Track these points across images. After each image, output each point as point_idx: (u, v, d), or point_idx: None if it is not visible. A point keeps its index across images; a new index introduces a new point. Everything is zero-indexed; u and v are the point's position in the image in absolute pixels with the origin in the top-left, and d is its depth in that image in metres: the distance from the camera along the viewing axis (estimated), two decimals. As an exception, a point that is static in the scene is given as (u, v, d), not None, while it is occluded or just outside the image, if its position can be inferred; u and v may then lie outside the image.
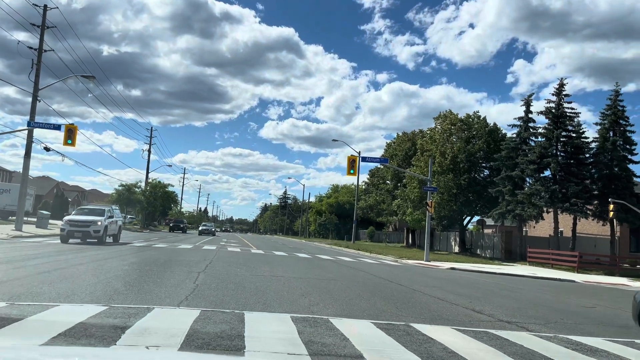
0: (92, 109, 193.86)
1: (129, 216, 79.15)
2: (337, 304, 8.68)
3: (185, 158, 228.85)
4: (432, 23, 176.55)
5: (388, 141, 60.56)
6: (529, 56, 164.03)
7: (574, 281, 22.49)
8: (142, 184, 66.06)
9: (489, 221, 58.58)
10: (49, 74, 40.02)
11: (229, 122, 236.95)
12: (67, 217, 22.26)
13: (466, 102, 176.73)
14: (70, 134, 26.00)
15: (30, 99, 29.40)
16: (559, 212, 31.12)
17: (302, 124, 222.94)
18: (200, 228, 59.23)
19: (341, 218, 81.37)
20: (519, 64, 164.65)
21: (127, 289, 8.46)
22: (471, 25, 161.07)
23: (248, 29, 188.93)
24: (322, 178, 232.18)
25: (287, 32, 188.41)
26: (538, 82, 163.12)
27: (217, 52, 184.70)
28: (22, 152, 30.99)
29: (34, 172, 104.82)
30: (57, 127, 26.47)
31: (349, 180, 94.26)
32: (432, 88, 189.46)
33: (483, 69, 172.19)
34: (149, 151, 64.99)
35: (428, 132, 45.50)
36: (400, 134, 55.22)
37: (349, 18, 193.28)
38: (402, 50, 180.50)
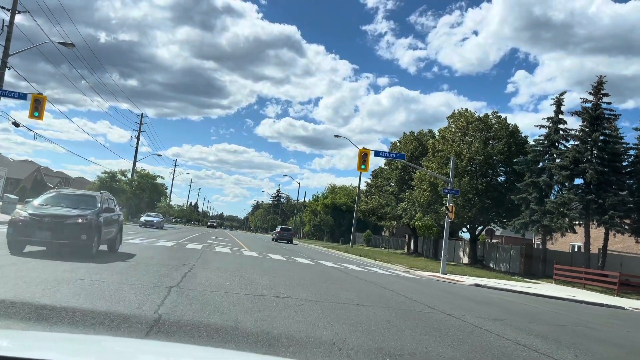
0: (87, 97, 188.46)
1: (114, 207, 75.17)
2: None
3: (179, 152, 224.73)
4: (434, 27, 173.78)
5: (387, 143, 56.94)
6: (530, 67, 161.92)
7: (622, 308, 19.03)
8: (129, 174, 62.11)
9: (498, 231, 55.19)
10: (42, 57, 36.29)
11: (225, 117, 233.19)
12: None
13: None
14: (37, 105, 22.15)
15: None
16: (591, 225, 27.61)
17: (299, 123, 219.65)
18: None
19: (337, 220, 77.75)
20: (519, 75, 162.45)
21: (20, 330, 4.70)
22: (475, 33, 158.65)
23: (249, 24, 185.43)
24: (316, 179, 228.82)
25: (289, 29, 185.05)
26: (538, 94, 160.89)
27: (217, 46, 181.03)
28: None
29: (21, 157, 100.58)
30: (22, 96, 22.60)
31: (346, 181, 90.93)
32: (432, 94, 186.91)
33: (484, 77, 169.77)
34: (138, 138, 61.10)
35: (439, 132, 41.99)
36: (407, 133, 51.65)
37: (351, 17, 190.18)
38: (404, 54, 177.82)
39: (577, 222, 28.24)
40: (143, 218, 43.95)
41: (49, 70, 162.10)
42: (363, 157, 24.85)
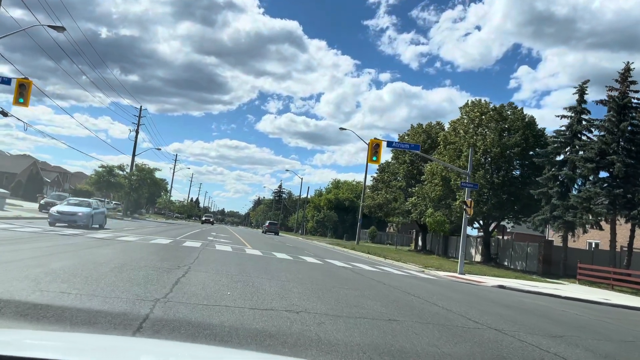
0: (88, 93, 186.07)
1: (113, 202, 73.28)
2: None
3: (181, 147, 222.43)
4: (436, 22, 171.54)
5: (389, 139, 55.09)
6: (533, 62, 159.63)
7: (664, 312, 17.30)
8: (128, 168, 60.41)
9: (509, 228, 53.38)
10: (42, 53, 34.56)
11: (227, 113, 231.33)
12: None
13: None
14: (22, 91, 20.40)
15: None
16: (617, 221, 25.81)
17: (300, 119, 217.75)
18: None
19: (340, 215, 75.97)
20: (522, 70, 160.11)
21: None
22: (477, 28, 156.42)
23: (251, 19, 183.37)
24: (317, 175, 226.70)
25: (291, 25, 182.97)
26: (541, 90, 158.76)
27: (218, 41, 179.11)
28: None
29: (23, 153, 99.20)
30: (6, 81, 20.84)
31: (348, 177, 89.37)
32: (435, 90, 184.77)
33: (487, 72, 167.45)
34: (137, 131, 59.36)
35: (451, 123, 40.15)
36: (415, 125, 49.83)
37: (353, 13, 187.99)
38: (406, 49, 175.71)
39: (601, 218, 26.43)
40: (55, 208, 22.68)
41: (50, 66, 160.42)
42: (375, 147, 23.08)
